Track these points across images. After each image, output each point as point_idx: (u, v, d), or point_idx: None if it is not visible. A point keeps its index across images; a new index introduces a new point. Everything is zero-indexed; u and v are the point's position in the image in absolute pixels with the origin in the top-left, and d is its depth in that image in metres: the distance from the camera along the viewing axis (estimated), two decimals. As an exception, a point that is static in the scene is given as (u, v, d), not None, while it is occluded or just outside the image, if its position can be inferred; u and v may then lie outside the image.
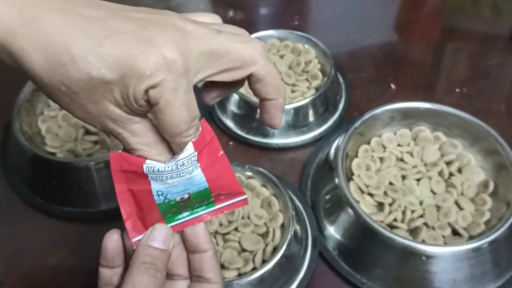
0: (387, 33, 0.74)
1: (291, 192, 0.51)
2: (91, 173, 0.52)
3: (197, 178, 0.32)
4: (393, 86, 0.65)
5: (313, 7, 0.79)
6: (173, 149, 0.31)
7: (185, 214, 0.33)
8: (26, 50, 0.26)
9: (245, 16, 0.76)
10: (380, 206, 0.50)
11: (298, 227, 0.47)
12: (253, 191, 0.49)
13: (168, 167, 0.31)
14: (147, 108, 0.28)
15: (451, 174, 0.52)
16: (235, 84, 0.32)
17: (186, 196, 0.33)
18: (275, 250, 0.45)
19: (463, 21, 0.74)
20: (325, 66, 0.61)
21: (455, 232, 0.48)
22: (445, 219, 0.48)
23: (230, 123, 0.60)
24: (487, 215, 0.48)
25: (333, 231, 0.49)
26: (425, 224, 0.48)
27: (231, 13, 0.76)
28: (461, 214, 0.48)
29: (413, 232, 0.48)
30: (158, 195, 0.32)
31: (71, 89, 0.26)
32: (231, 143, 0.59)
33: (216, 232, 0.47)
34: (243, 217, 0.48)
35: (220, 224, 0.47)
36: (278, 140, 0.58)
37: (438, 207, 0.49)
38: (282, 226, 0.47)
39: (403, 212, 0.49)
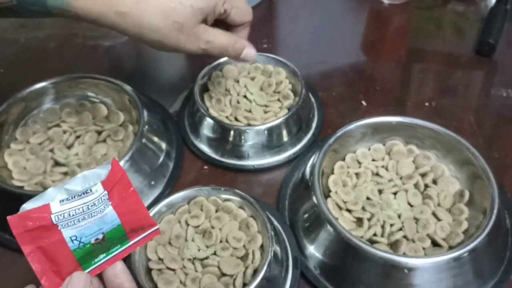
0: (356, 52, 0.75)
1: (269, 213, 0.50)
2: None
3: (109, 216, 0.34)
4: (364, 102, 0.66)
5: (282, 30, 0.80)
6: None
7: (101, 256, 0.34)
8: (146, 17, 0.44)
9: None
10: (359, 221, 0.49)
11: (278, 248, 0.46)
12: (230, 213, 0.48)
13: (79, 209, 0.33)
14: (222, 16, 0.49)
15: (426, 186, 0.52)
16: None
17: (100, 236, 0.34)
18: (255, 272, 0.43)
19: (428, 41, 0.76)
20: (296, 86, 0.62)
21: (435, 243, 0.48)
22: (424, 231, 0.48)
23: (204, 147, 0.59)
24: (465, 225, 0.48)
25: (313, 250, 0.48)
26: (405, 237, 0.48)
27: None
28: (439, 225, 0.48)
29: (394, 246, 0.47)
30: (72, 241, 0.33)
31: (179, 22, 0.44)
32: (205, 167, 0.58)
33: (194, 258, 0.45)
34: (221, 241, 0.46)
35: (198, 249, 0.46)
36: (253, 162, 0.57)
37: (416, 219, 0.49)
38: (262, 247, 0.46)
39: (382, 226, 0.48)
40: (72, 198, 0.33)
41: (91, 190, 0.33)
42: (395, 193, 0.52)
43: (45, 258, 0.33)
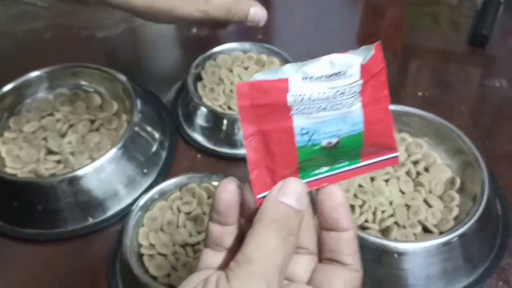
0: (351, 44, 0.75)
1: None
2: (56, 191, 0.50)
3: (354, 116, 0.26)
4: (357, 92, 0.66)
5: (277, 20, 0.80)
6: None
7: (323, 169, 0.27)
8: None
9: (208, 32, 0.76)
10: (351, 208, 0.49)
11: (269, 234, 0.46)
12: (222, 200, 0.48)
13: (323, 93, 0.24)
14: None
15: (418, 173, 0.52)
16: None
17: (334, 140, 0.26)
18: (246, 257, 0.44)
19: (422, 33, 0.76)
20: (289, 76, 0.62)
21: (425, 230, 0.48)
22: (415, 217, 0.48)
23: (197, 136, 0.59)
24: (456, 211, 0.48)
25: (305, 237, 0.48)
26: (396, 223, 0.48)
27: (194, 30, 0.76)
28: (431, 211, 0.49)
29: (385, 232, 0.48)
30: (302, 135, 0.25)
31: None
32: (199, 155, 0.58)
33: (185, 243, 0.46)
34: (213, 227, 0.47)
35: (190, 235, 0.46)
36: (245, 151, 0.57)
37: (407, 206, 0.49)
38: (253, 233, 0.46)
39: (374, 213, 0.49)
40: (318, 77, 0.25)
41: (346, 72, 0.25)
42: (387, 181, 0.52)
43: (264, 148, 0.25)
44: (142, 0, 0.40)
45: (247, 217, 0.26)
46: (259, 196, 0.26)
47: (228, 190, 0.26)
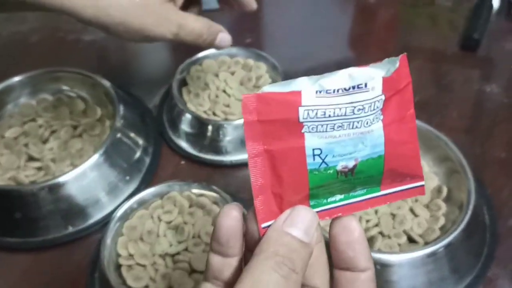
0: (342, 46, 0.74)
1: (245, 209, 0.50)
2: (36, 199, 0.49)
3: (375, 136, 0.23)
4: (346, 97, 0.65)
5: (266, 23, 0.79)
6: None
7: (337, 197, 0.24)
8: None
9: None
10: (335, 217, 0.49)
11: (251, 244, 0.45)
12: (203, 209, 0.47)
13: (340, 109, 0.21)
14: None
15: (405, 181, 0.51)
16: None
17: (351, 163, 0.23)
18: (226, 268, 0.43)
19: (414, 36, 0.75)
20: (276, 80, 0.61)
21: (410, 240, 0.47)
22: (401, 227, 0.47)
23: (182, 143, 0.58)
24: (442, 220, 0.47)
25: (289, 246, 0.47)
26: (381, 233, 0.47)
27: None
28: (416, 221, 0.48)
29: (369, 242, 0.46)
30: (314, 156, 0.22)
31: None
32: (183, 162, 0.57)
33: (165, 253, 0.45)
34: (193, 236, 0.46)
35: (170, 245, 0.45)
36: (231, 157, 0.57)
37: (393, 215, 0.49)
38: (234, 243, 0.45)
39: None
40: (335, 91, 0.22)
41: (365, 86, 0.22)
42: (372, 189, 0.51)
43: (271, 170, 0.23)
44: (113, 18, 0.39)
45: (250, 249, 0.23)
46: (263, 225, 0.23)
47: (230, 216, 0.23)
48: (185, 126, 0.58)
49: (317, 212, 0.24)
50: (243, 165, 0.57)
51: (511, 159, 0.57)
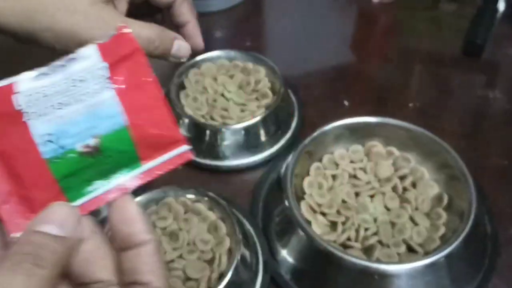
0: (341, 51, 0.73)
1: (241, 215, 0.49)
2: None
3: (108, 106, 0.21)
4: (346, 102, 0.64)
5: (265, 27, 0.78)
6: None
7: (96, 183, 0.23)
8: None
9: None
10: (333, 225, 0.48)
11: (247, 252, 0.44)
12: (199, 215, 0.47)
13: (58, 85, 0.21)
14: None
15: (405, 189, 0.50)
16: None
17: (91, 141, 0.21)
18: (221, 276, 0.42)
19: (415, 41, 0.74)
20: (275, 85, 0.60)
21: (410, 249, 0.46)
22: (400, 236, 0.46)
23: (179, 147, 0.58)
24: (442, 230, 0.46)
25: (285, 255, 0.47)
26: (380, 242, 0.46)
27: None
28: (416, 230, 0.47)
29: (368, 251, 0.46)
30: (46, 142, 0.21)
31: None
32: (180, 166, 0.57)
33: (159, 261, 0.44)
34: (188, 243, 0.45)
35: (164, 252, 0.44)
36: (229, 162, 0.56)
37: (392, 224, 0.48)
38: (230, 251, 0.44)
39: (357, 231, 0.47)
40: (52, 70, 0.22)
41: (78, 55, 0.22)
42: (372, 196, 0.50)
43: (8, 173, 0.21)
44: (39, 24, 0.35)
45: None
46: (13, 235, 0.21)
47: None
48: (183, 130, 0.57)
49: (81, 204, 0.23)
50: (241, 170, 0.56)
51: (513, 166, 0.56)
